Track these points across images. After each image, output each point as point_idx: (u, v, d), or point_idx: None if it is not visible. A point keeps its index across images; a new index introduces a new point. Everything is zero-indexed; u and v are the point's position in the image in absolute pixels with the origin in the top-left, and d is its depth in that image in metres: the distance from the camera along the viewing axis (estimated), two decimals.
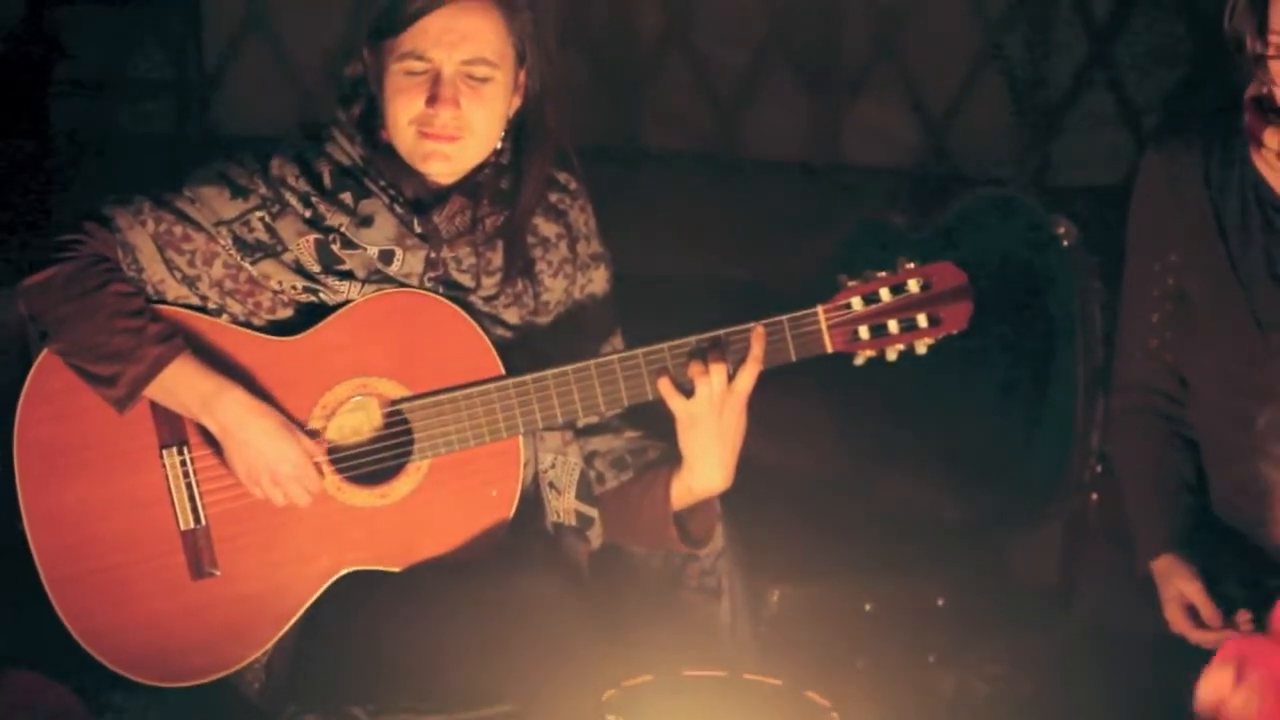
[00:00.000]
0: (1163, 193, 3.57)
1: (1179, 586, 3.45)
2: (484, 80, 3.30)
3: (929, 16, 7.50)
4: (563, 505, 3.46)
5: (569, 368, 3.30)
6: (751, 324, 3.29)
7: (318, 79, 7.17)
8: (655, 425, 3.43)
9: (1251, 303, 3.47)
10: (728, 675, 2.48)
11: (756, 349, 3.27)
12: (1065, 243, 4.07)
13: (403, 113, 3.30)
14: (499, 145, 3.39)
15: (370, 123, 3.39)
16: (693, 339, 3.29)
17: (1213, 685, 3.19)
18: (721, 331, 3.29)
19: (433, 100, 3.27)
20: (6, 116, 6.72)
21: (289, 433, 3.28)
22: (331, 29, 7.08)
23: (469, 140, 3.32)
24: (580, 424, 3.45)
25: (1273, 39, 3.34)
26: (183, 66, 7.22)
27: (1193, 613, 3.44)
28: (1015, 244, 4.10)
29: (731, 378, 3.27)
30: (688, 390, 3.28)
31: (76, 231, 3.30)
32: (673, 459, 3.37)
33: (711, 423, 3.30)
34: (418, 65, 3.29)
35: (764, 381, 3.31)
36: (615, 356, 3.31)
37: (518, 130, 3.41)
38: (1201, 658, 3.37)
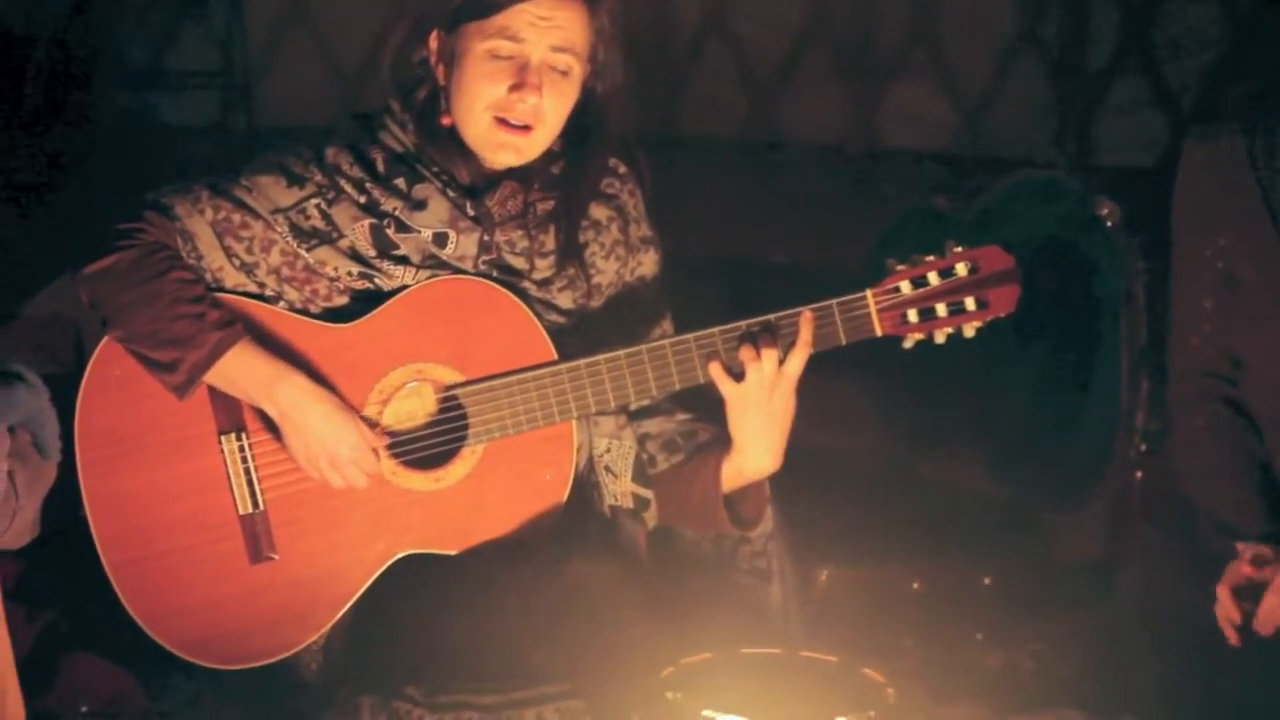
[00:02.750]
0: (1207, 178, 3.57)
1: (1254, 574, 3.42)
2: (564, 73, 3.32)
3: (964, 1, 7.49)
4: (619, 488, 3.47)
5: (621, 352, 3.32)
6: (801, 308, 3.30)
7: (360, 69, 7.18)
8: (706, 409, 3.44)
9: None
10: (784, 653, 2.48)
11: (806, 333, 3.28)
12: (1109, 224, 4.06)
13: (481, 97, 3.31)
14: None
15: (426, 108, 3.40)
16: (743, 323, 3.30)
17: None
18: (771, 316, 3.29)
19: (519, 86, 3.28)
20: (54, 110, 6.74)
21: (347, 416, 3.29)
22: (373, 18, 7.09)
23: (539, 131, 3.33)
24: (632, 408, 3.46)
25: None
26: (226, 58, 7.23)
27: (1249, 595, 3.44)
28: (1059, 226, 4.09)
29: (781, 361, 3.28)
30: (738, 374, 3.29)
31: (136, 220, 3.32)
32: (723, 442, 3.38)
33: (762, 406, 3.31)
34: (507, 48, 3.29)
35: (812, 365, 3.32)
36: (666, 341, 3.33)
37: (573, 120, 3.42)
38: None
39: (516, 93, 3.29)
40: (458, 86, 3.34)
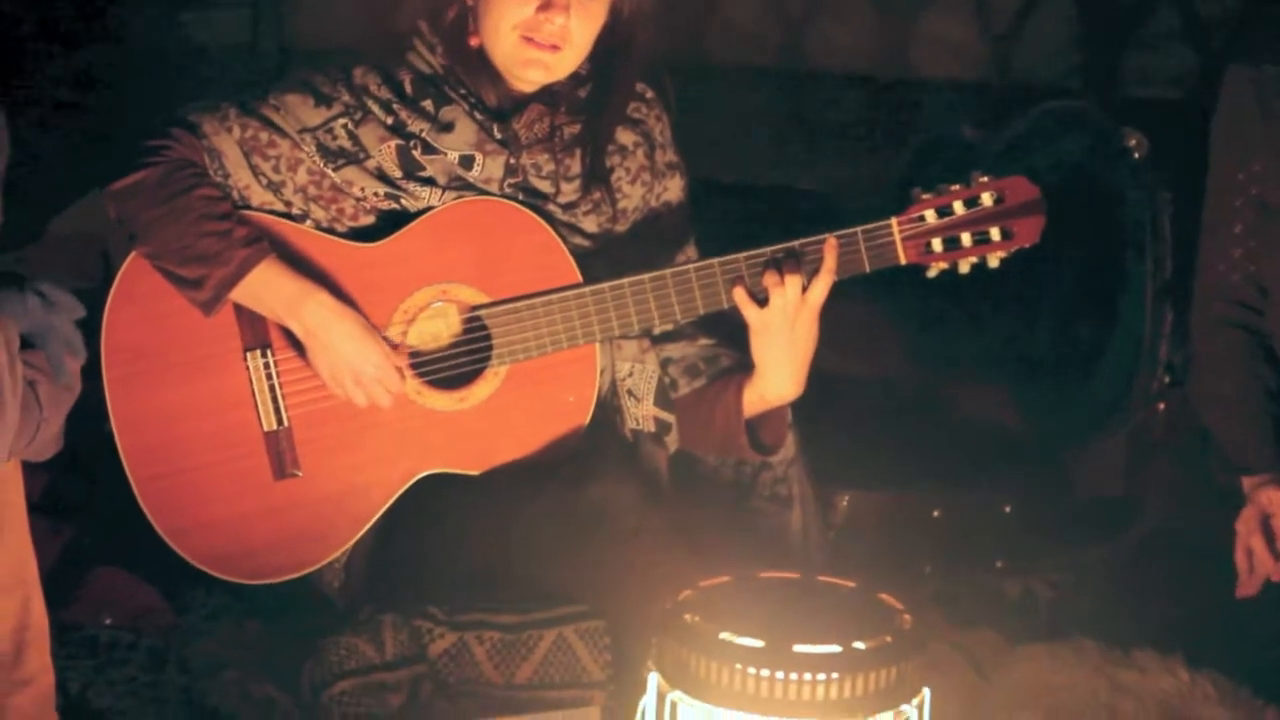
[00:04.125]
0: (1248, 104, 3.55)
1: (1265, 505, 3.45)
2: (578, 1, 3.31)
3: None
4: (641, 411, 3.47)
5: (646, 276, 3.31)
6: (825, 235, 3.29)
7: None
8: (728, 334, 3.44)
9: None
10: (802, 578, 2.48)
11: (830, 260, 3.28)
12: (1136, 155, 4.05)
13: (509, 16, 3.29)
14: None
15: (454, 29, 3.38)
16: (768, 249, 3.29)
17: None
18: (796, 242, 3.29)
19: (547, 6, 3.26)
20: (81, 27, 6.74)
21: (372, 335, 3.30)
22: None
23: (567, 51, 3.32)
24: (656, 332, 3.46)
25: None
26: None
27: (1268, 533, 3.45)
28: (1086, 156, 4.09)
29: (805, 288, 3.28)
30: (762, 299, 3.29)
31: (164, 137, 3.32)
32: (745, 367, 3.38)
33: (784, 332, 3.30)
34: None
35: (836, 292, 3.31)
36: (691, 266, 3.32)
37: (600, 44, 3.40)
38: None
39: (544, 13, 3.27)
40: (485, 6, 3.32)
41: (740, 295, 3.29)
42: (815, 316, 3.30)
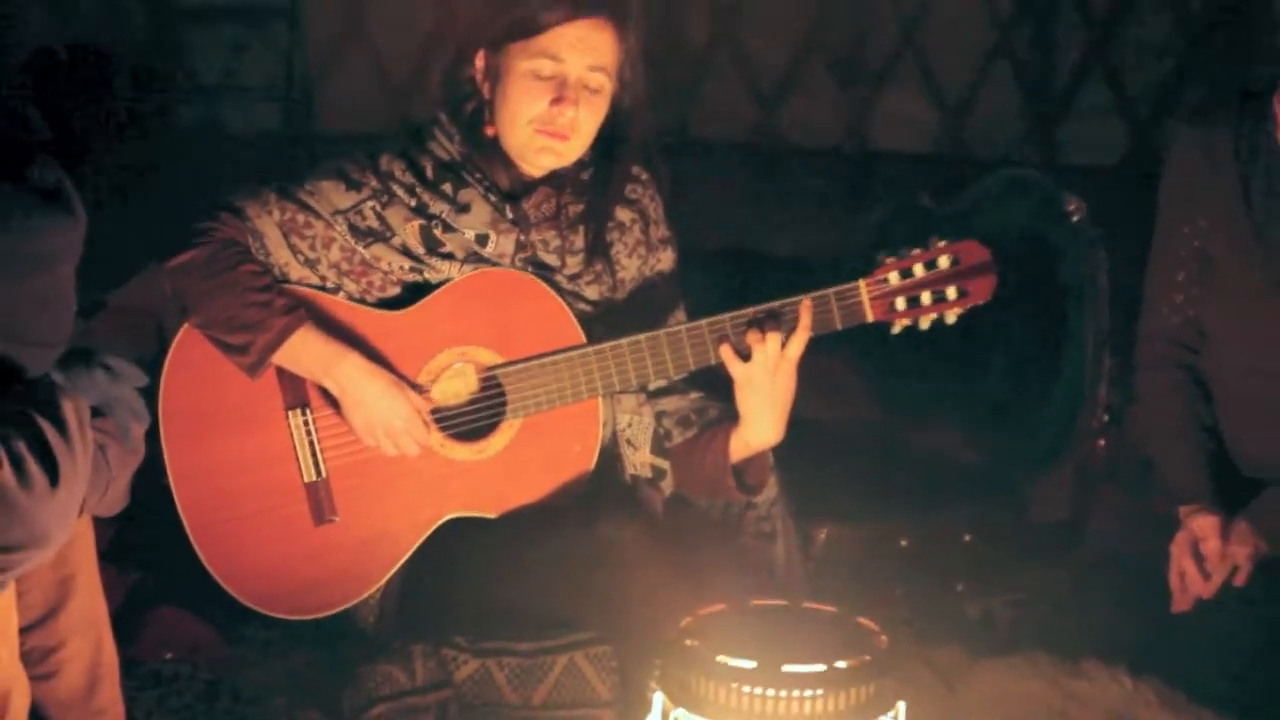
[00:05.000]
0: (1197, 164, 3.55)
1: (1197, 531, 3.45)
2: (596, 91, 3.32)
3: (945, 16, 7.48)
4: (639, 459, 3.47)
5: (641, 337, 3.32)
6: (800, 297, 3.29)
7: (409, 80, 7.18)
8: (716, 387, 3.44)
9: (1271, 267, 3.47)
10: (789, 605, 2.49)
11: (806, 319, 3.29)
12: (1075, 218, 4.05)
13: (525, 110, 3.30)
14: None
15: (473, 120, 3.39)
16: (750, 310, 3.30)
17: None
18: (775, 304, 3.29)
19: (559, 100, 3.28)
20: (134, 120, 6.75)
21: (400, 391, 3.30)
22: (419, 37, 7.10)
23: (575, 140, 3.34)
24: (651, 387, 3.47)
25: None
26: (288, 72, 7.23)
27: (1198, 556, 3.45)
28: (1031, 219, 4.08)
29: (784, 345, 3.28)
30: (745, 355, 3.29)
31: (212, 219, 3.34)
32: (731, 417, 3.38)
33: (766, 384, 3.31)
34: (548, 67, 3.28)
35: (812, 347, 3.31)
36: (682, 327, 3.33)
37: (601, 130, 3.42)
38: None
39: (556, 106, 3.29)
40: (502, 100, 3.33)
41: (726, 352, 3.30)
42: (793, 370, 3.31)
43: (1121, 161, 7.03)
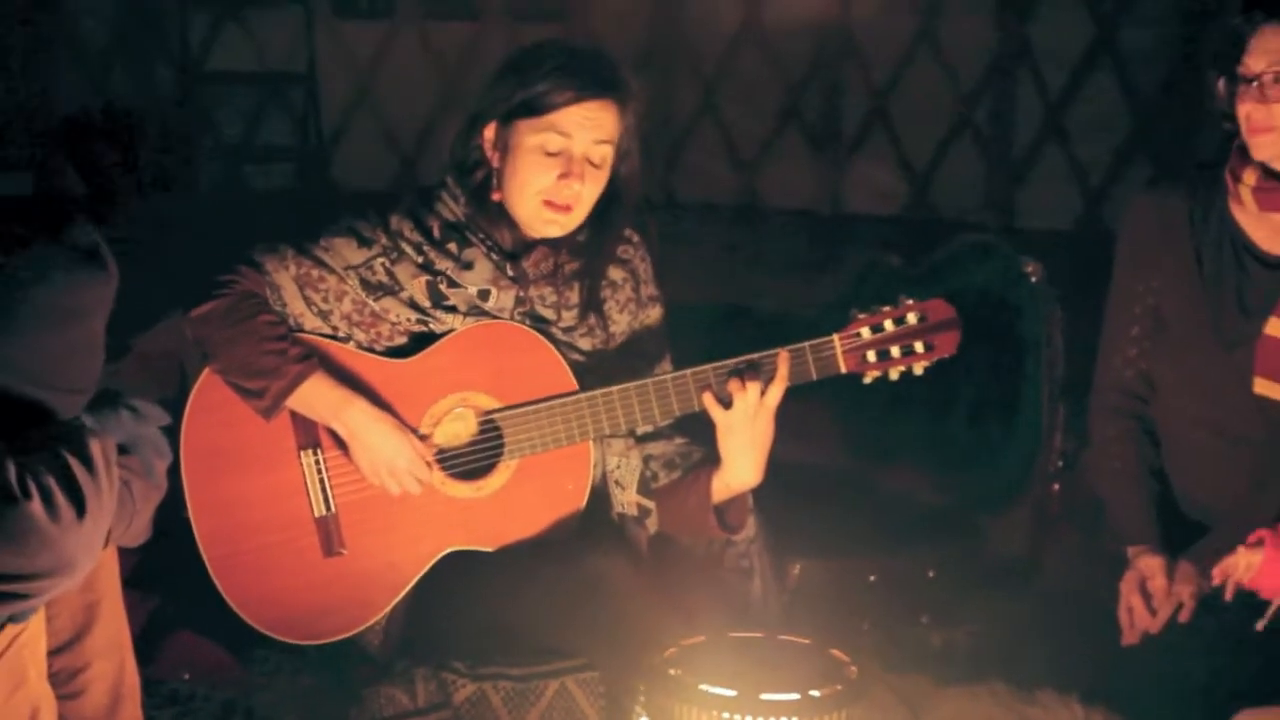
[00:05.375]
0: (1152, 228, 3.55)
1: (1144, 571, 3.45)
2: (599, 165, 3.32)
3: (912, 90, 7.52)
4: (626, 498, 3.46)
5: (631, 385, 3.31)
6: (778, 349, 3.29)
7: (414, 144, 7.21)
8: (699, 432, 3.43)
9: (1219, 326, 3.46)
10: (766, 636, 2.48)
11: (783, 369, 3.28)
12: (1033, 279, 4.05)
13: (533, 183, 3.30)
14: None
15: (480, 185, 3.38)
16: (731, 361, 3.30)
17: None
18: (755, 355, 3.29)
19: (565, 175, 3.28)
20: (164, 180, 6.78)
21: (404, 434, 3.29)
22: (423, 105, 7.13)
23: (577, 211, 3.34)
24: (639, 432, 3.46)
25: (1244, 70, 3.30)
26: (303, 136, 7.25)
27: (1145, 595, 3.44)
28: (992, 280, 4.08)
29: (763, 393, 3.28)
30: (727, 403, 3.29)
31: (232, 273, 3.33)
32: (713, 460, 3.37)
33: (746, 430, 3.30)
34: (556, 143, 3.28)
35: (789, 396, 3.31)
36: (668, 376, 3.32)
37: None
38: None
39: (563, 181, 3.29)
40: (511, 171, 3.33)
41: (709, 400, 3.30)
42: (771, 416, 3.30)
43: (1075, 225, 7.06)
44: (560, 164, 3.29)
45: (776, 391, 3.28)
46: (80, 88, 7.13)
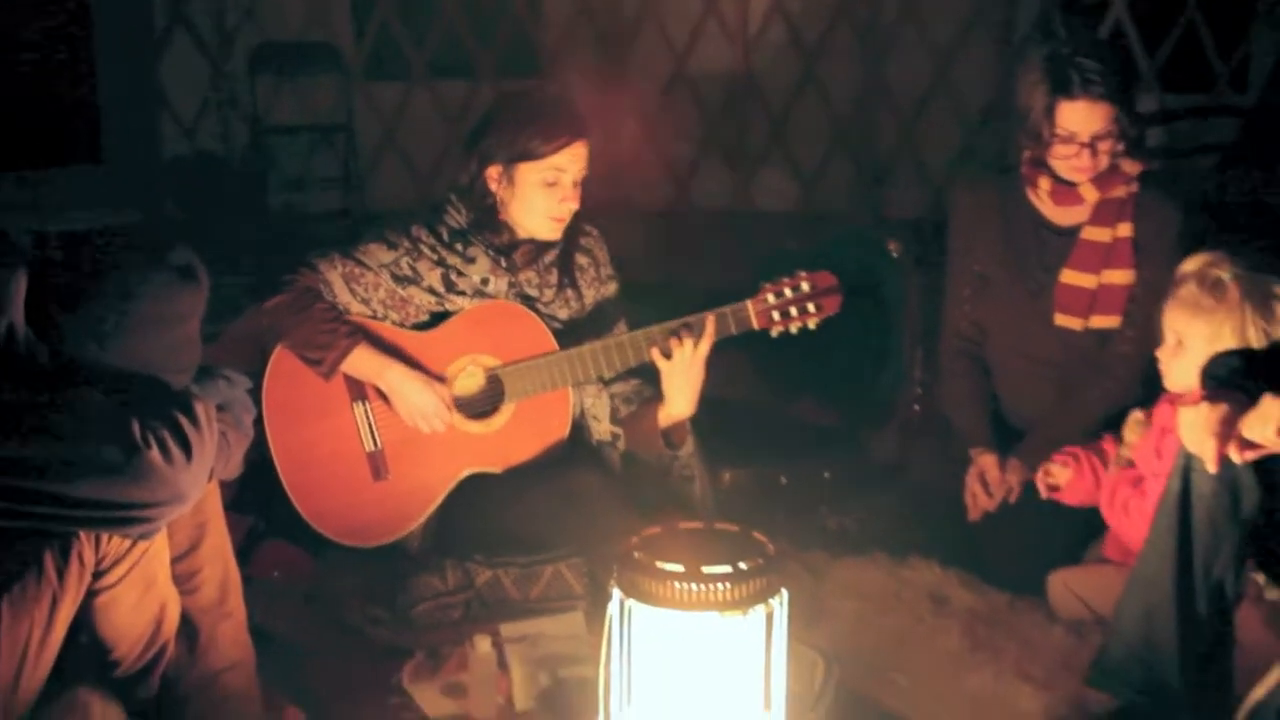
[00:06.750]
0: (971, 214, 3.55)
1: (982, 466, 3.47)
2: (580, 183, 3.32)
3: (803, 116, 7.51)
4: (601, 428, 3.47)
5: (598, 344, 3.32)
6: (707, 312, 3.31)
7: (429, 173, 7.17)
8: (649, 376, 3.43)
9: (1026, 280, 3.48)
10: (706, 526, 2.47)
11: (710, 327, 3.29)
12: (895, 255, 4.06)
13: (540, 208, 3.30)
14: None
15: (482, 204, 3.35)
16: (671, 323, 3.31)
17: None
18: (690, 318, 3.30)
19: (565, 199, 3.29)
20: (238, 206, 6.75)
21: (430, 387, 3.29)
22: (434, 143, 7.09)
23: (569, 218, 3.34)
24: (606, 378, 3.47)
25: (1058, 133, 3.30)
26: (345, 170, 7.21)
27: (984, 484, 3.47)
28: (865, 257, 4.08)
29: (695, 347, 3.29)
30: (668, 355, 3.29)
31: (294, 273, 3.33)
32: (659, 397, 3.38)
33: (681, 374, 3.30)
34: (553, 176, 3.27)
35: (718, 346, 3.32)
36: (625, 336, 3.33)
37: None
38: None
39: (563, 203, 3.30)
40: (519, 200, 3.31)
41: (655, 353, 3.30)
42: (702, 364, 3.30)
43: (924, 214, 7.07)
44: (559, 191, 3.29)
45: (706, 345, 3.29)
46: (175, 138, 7.08)
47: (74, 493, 2.25)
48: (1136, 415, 3.20)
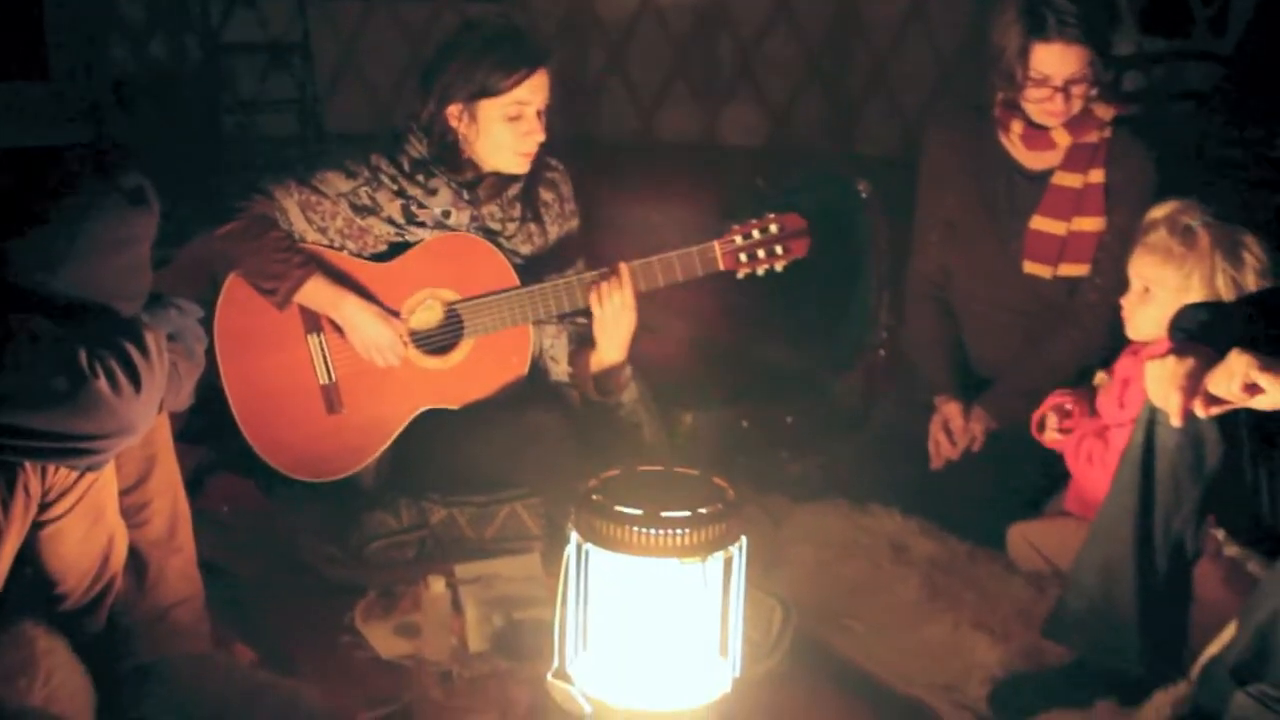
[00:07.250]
0: (944, 155, 3.54)
1: (946, 414, 3.49)
2: (542, 113, 3.30)
3: (772, 49, 7.46)
4: (559, 369, 3.48)
5: (559, 281, 3.33)
6: (670, 253, 3.30)
7: (388, 97, 7.11)
8: None
9: (996, 225, 3.48)
10: (664, 470, 2.48)
11: (626, 279, 3.30)
12: (864, 196, 4.06)
13: (506, 143, 3.28)
14: None
15: (444, 139, 3.32)
16: (607, 269, 3.32)
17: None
18: (636, 263, 3.30)
19: (529, 132, 3.26)
20: (189, 127, 6.67)
21: (385, 320, 3.29)
22: (393, 67, 7.02)
23: (535, 151, 3.32)
24: (557, 313, 3.43)
25: (1032, 75, 3.29)
26: (302, 92, 7.12)
27: (947, 431, 3.49)
28: (834, 198, 4.07)
29: (626, 292, 3.30)
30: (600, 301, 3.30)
31: (248, 199, 3.30)
32: (590, 343, 3.40)
33: (613, 320, 3.31)
34: (515, 110, 3.25)
35: (685, 288, 3.30)
36: (575, 278, 3.33)
37: None
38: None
39: (528, 135, 3.28)
40: (484, 136, 3.29)
41: (591, 297, 3.30)
42: (632, 310, 3.30)
43: (897, 152, 7.05)
44: (523, 124, 3.27)
45: (629, 293, 3.30)
46: (126, 58, 6.97)
47: (19, 423, 2.24)
48: (1100, 377, 3.23)
